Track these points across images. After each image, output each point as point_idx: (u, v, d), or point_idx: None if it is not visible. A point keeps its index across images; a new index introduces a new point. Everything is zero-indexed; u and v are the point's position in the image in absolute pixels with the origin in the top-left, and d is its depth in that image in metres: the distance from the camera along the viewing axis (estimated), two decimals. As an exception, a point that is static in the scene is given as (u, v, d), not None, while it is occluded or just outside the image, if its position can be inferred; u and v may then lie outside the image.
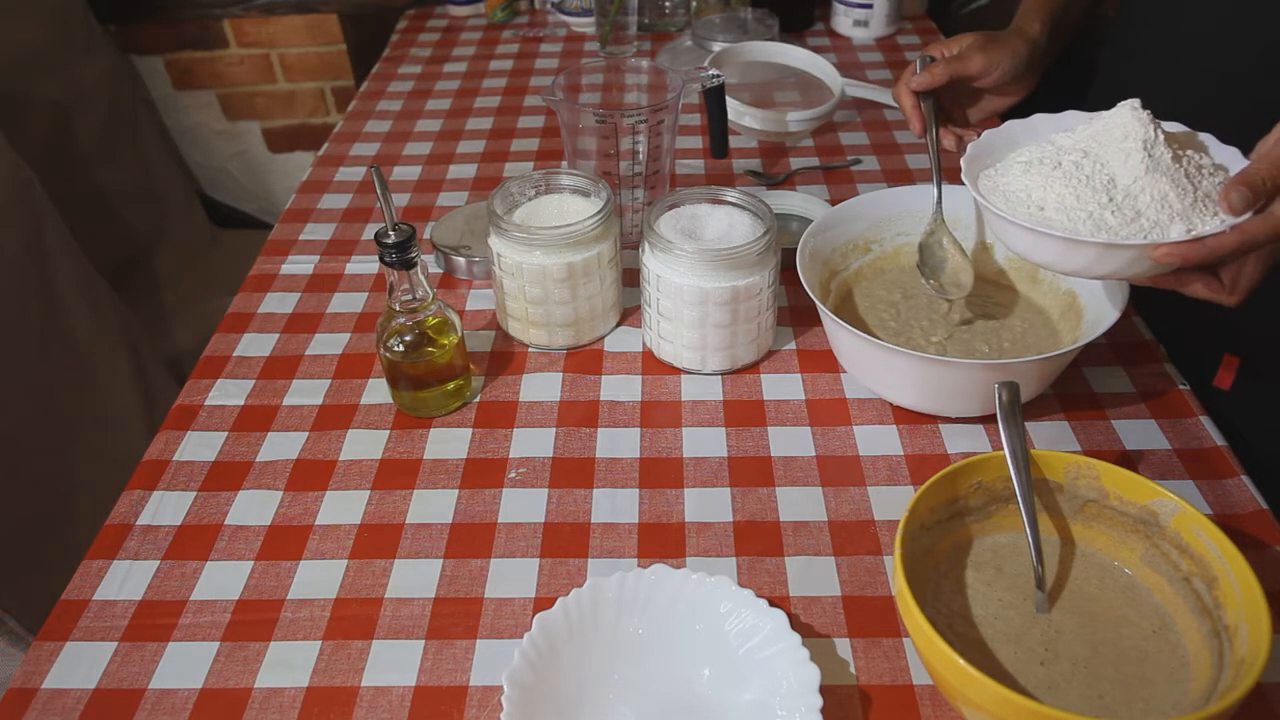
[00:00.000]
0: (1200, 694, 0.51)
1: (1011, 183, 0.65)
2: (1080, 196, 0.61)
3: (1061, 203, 0.61)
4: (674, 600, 0.59)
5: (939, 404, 0.74)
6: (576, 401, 0.78)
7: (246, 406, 0.79)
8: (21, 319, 1.16)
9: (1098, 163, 0.62)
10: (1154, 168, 0.60)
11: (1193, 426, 0.74)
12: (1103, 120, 0.64)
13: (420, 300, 0.73)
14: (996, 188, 0.66)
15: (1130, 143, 0.61)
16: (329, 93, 1.86)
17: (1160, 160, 0.60)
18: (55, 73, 1.49)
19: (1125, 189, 0.60)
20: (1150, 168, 0.60)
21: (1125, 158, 0.61)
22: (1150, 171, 0.60)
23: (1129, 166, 0.60)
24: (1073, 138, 0.65)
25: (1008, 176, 0.66)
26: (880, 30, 1.44)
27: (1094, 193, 0.61)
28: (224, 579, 0.65)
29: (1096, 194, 0.60)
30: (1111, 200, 0.60)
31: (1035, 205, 0.63)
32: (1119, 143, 0.61)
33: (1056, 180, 0.62)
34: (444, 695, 0.57)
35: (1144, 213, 0.60)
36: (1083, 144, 0.63)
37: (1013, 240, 0.64)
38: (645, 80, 0.96)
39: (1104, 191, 0.60)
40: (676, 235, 0.76)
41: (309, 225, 1.04)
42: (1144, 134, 0.61)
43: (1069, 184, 0.62)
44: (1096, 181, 0.61)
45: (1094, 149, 0.63)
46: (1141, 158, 0.60)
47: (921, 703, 0.56)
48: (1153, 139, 0.61)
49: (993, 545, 0.61)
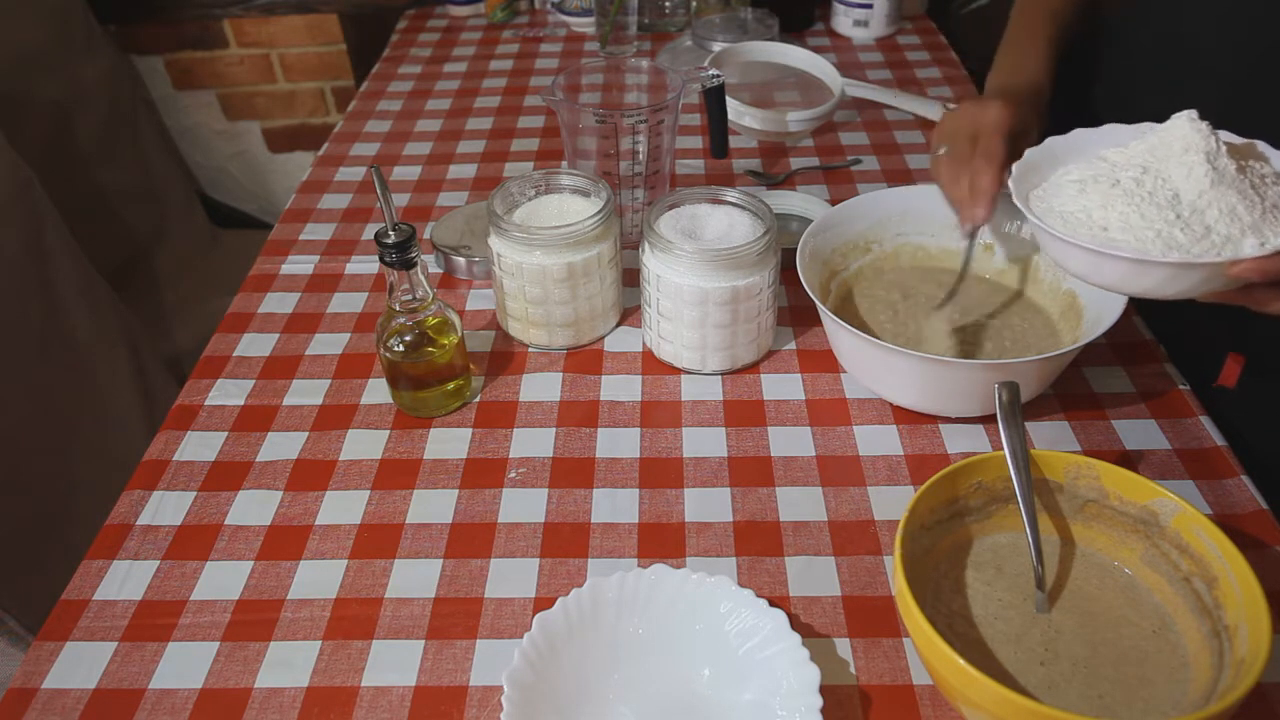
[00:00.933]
0: (1200, 694, 0.51)
1: (1067, 203, 0.62)
2: (1145, 215, 0.58)
3: (1126, 222, 0.58)
4: (674, 600, 0.59)
5: (939, 404, 0.74)
6: (576, 401, 0.78)
7: (246, 406, 0.79)
8: (21, 319, 1.16)
9: (1159, 178, 0.59)
10: (1219, 180, 0.57)
11: (1193, 426, 0.74)
12: (1158, 133, 0.61)
13: (420, 300, 0.73)
14: (1051, 209, 0.63)
15: (1192, 155, 0.58)
16: (329, 93, 1.86)
17: (1225, 172, 0.57)
18: (55, 73, 1.49)
19: (1191, 204, 0.57)
20: (1215, 180, 0.57)
21: (1188, 171, 0.58)
22: (1216, 184, 0.57)
23: (1193, 180, 0.58)
24: (1127, 153, 0.62)
25: (1061, 197, 0.63)
26: (880, 30, 1.44)
27: (1159, 210, 0.58)
28: (224, 579, 0.65)
29: (1162, 211, 0.57)
30: (1179, 217, 0.57)
31: (1098, 226, 0.59)
32: (1179, 156, 0.59)
33: (1117, 199, 0.59)
34: (444, 695, 0.57)
35: (1213, 228, 0.56)
36: (1139, 159, 0.61)
37: (1074, 263, 0.61)
38: (645, 80, 0.96)
39: (1169, 208, 0.57)
40: (676, 235, 0.76)
41: (309, 225, 1.04)
42: (1205, 145, 0.58)
43: (1131, 202, 0.58)
44: (1160, 198, 0.58)
45: (1153, 164, 0.60)
46: (1205, 170, 0.57)
47: (921, 703, 0.56)
48: (1215, 150, 0.58)
49: (993, 545, 0.61)
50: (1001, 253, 0.84)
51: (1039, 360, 0.68)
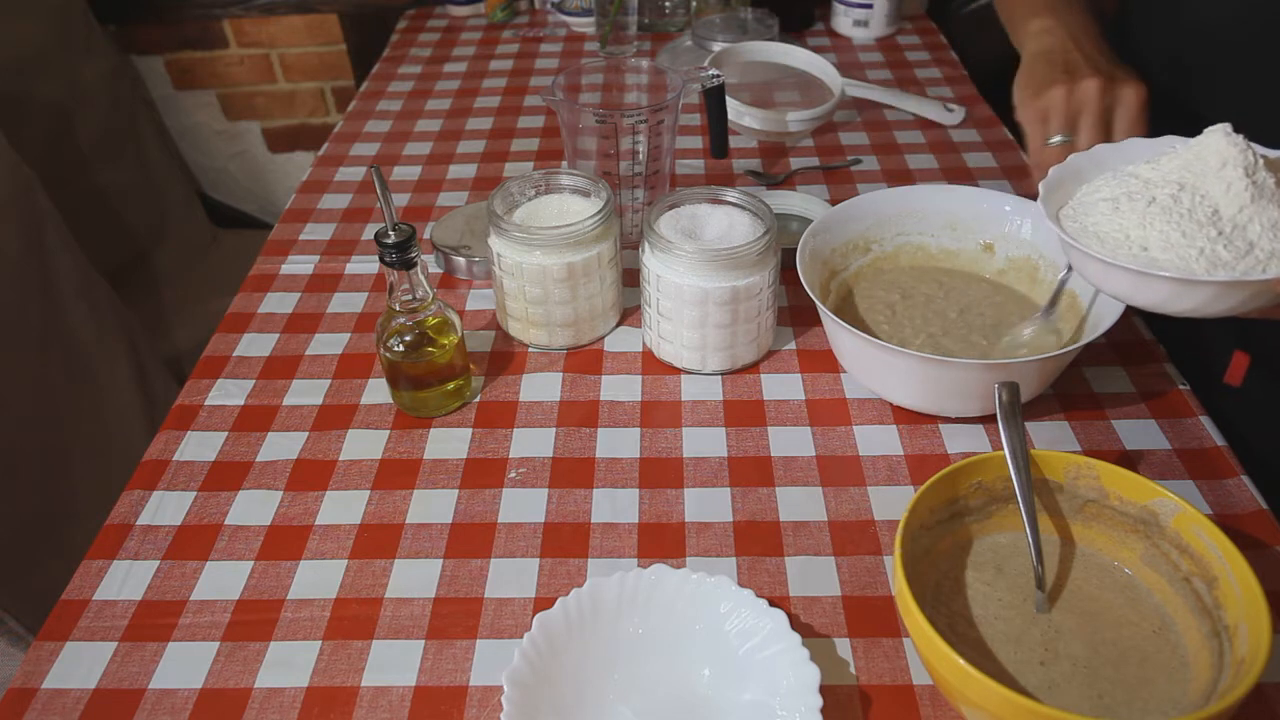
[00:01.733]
0: (1200, 694, 0.51)
1: (1101, 223, 0.61)
2: (1186, 233, 0.56)
3: (1166, 241, 0.57)
4: (674, 600, 0.59)
5: (939, 404, 0.74)
6: (576, 401, 0.78)
7: (246, 406, 0.79)
8: (21, 319, 1.16)
9: (1197, 194, 0.58)
10: (1259, 195, 0.56)
11: (1193, 426, 0.74)
12: (1192, 149, 0.59)
13: (420, 300, 0.73)
14: (1085, 229, 0.61)
15: (1230, 170, 0.57)
16: (329, 93, 1.86)
17: (1264, 186, 0.56)
18: (55, 73, 1.49)
19: (1232, 219, 0.56)
20: (1256, 195, 0.56)
21: (1227, 187, 0.57)
22: (1256, 199, 0.56)
23: (1233, 196, 0.57)
24: (1160, 169, 0.60)
25: (1094, 215, 0.62)
26: (880, 30, 1.44)
27: (1199, 227, 0.56)
28: (224, 579, 0.65)
29: (1203, 228, 0.56)
30: (1221, 234, 0.56)
31: (1137, 246, 0.58)
32: (1217, 171, 0.57)
33: (1155, 217, 0.58)
34: (444, 695, 0.57)
35: (1257, 243, 0.56)
36: (1175, 176, 0.59)
37: (1115, 285, 0.59)
38: (645, 80, 0.96)
39: (1210, 225, 0.56)
40: (676, 235, 0.76)
41: (309, 225, 1.04)
42: (1244, 160, 0.57)
43: (1170, 220, 0.57)
44: (1200, 215, 0.57)
45: (1190, 180, 0.58)
46: (1245, 185, 0.56)
47: (921, 703, 0.56)
48: (1253, 164, 0.57)
49: (993, 545, 0.61)
50: (1003, 252, 0.84)
51: (1039, 360, 0.68)
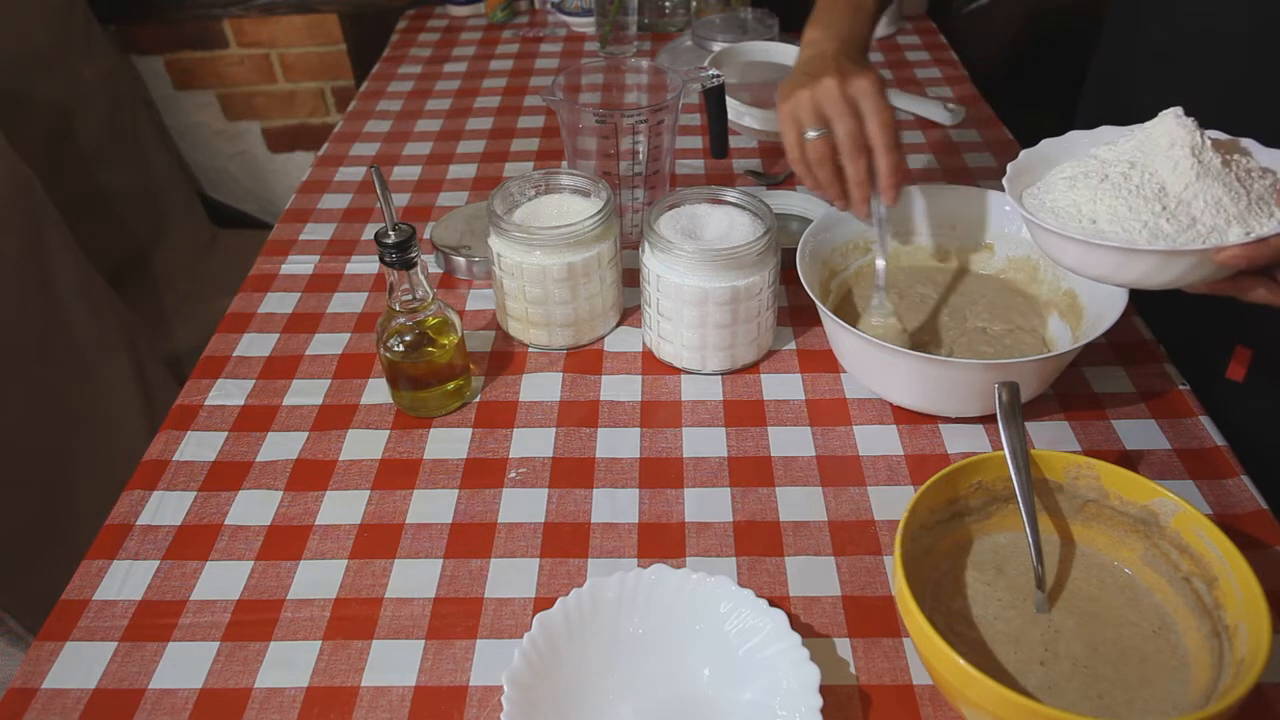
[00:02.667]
0: (1200, 694, 0.51)
1: (1058, 199, 0.63)
2: (1133, 207, 0.59)
3: (1114, 214, 0.60)
4: (674, 600, 0.59)
5: (939, 404, 0.74)
6: (576, 401, 0.78)
7: (246, 406, 0.79)
8: (21, 319, 1.16)
9: (1146, 172, 0.60)
10: (1204, 173, 0.59)
11: (1193, 426, 0.74)
12: (1145, 130, 0.62)
13: (420, 300, 0.73)
14: (1043, 205, 0.64)
15: (1178, 150, 0.60)
16: (329, 93, 1.86)
17: (1210, 165, 0.59)
18: (55, 73, 1.49)
19: (1177, 196, 0.59)
20: (1201, 173, 0.59)
21: (1174, 165, 0.59)
22: (1201, 177, 0.59)
23: (1179, 174, 0.59)
24: (1116, 150, 0.63)
25: (1053, 193, 0.64)
26: (880, 30, 1.43)
27: (1146, 202, 0.59)
28: (224, 579, 0.65)
29: (1149, 203, 0.59)
30: (1165, 208, 0.59)
31: (1087, 219, 0.61)
32: (1166, 151, 0.60)
33: (1106, 193, 0.61)
34: (444, 695, 0.57)
35: (1199, 219, 0.58)
36: (1128, 155, 0.62)
37: (1065, 255, 0.62)
38: (645, 80, 0.96)
39: (1156, 200, 0.59)
40: (676, 235, 0.76)
41: (309, 225, 1.04)
42: (1191, 140, 0.59)
43: (1119, 195, 0.60)
44: (1147, 190, 0.60)
45: (1140, 159, 0.61)
46: (1191, 164, 0.59)
47: (921, 703, 0.56)
48: (1200, 145, 0.59)
49: (993, 545, 0.61)
50: (1003, 252, 0.84)
51: (1039, 360, 0.68)
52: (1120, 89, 0.90)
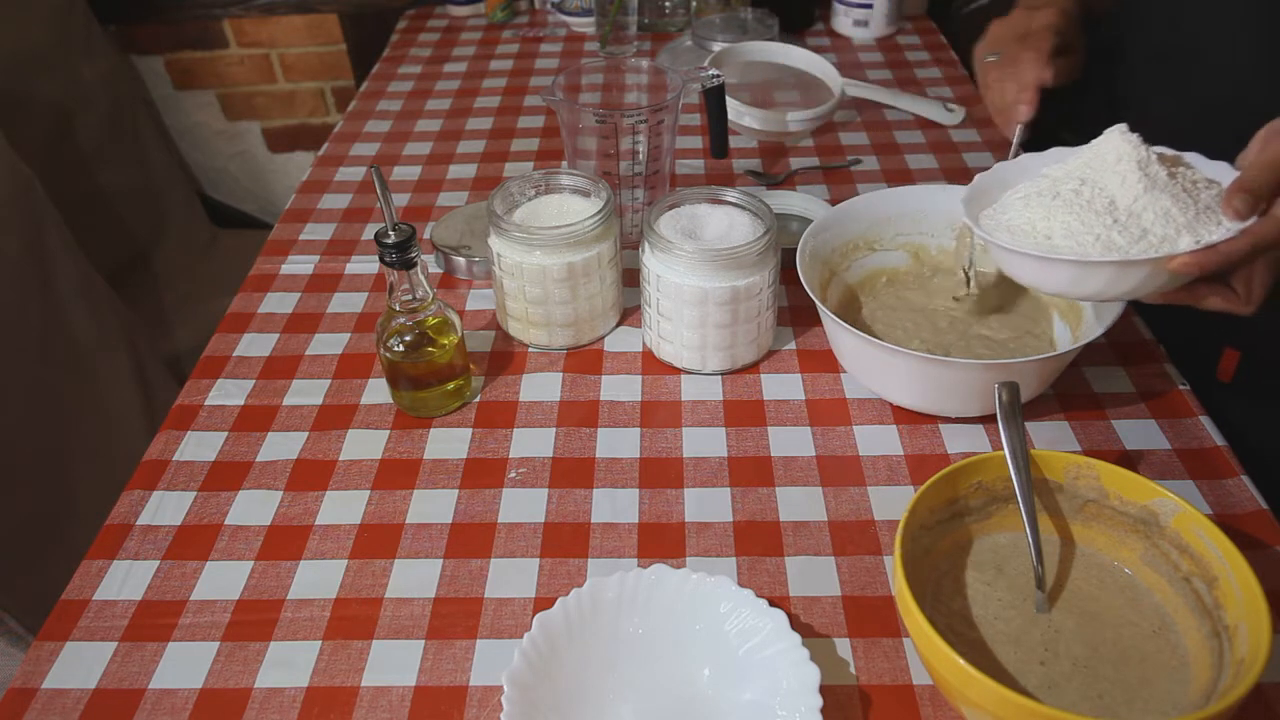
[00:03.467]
0: (1200, 694, 0.51)
1: (1014, 218, 0.65)
2: (1085, 221, 0.61)
3: (1068, 229, 0.62)
4: (674, 600, 0.59)
5: (939, 404, 0.74)
6: (576, 401, 0.78)
7: (246, 406, 0.79)
8: (21, 319, 1.16)
9: (1095, 188, 0.62)
10: (1152, 186, 0.61)
11: (1193, 426, 0.74)
12: (1093, 148, 0.64)
13: (420, 300, 0.73)
14: (1000, 224, 0.66)
15: (1124, 165, 0.62)
16: (329, 93, 1.86)
17: (1157, 178, 0.61)
18: (55, 73, 1.49)
19: (1127, 209, 0.61)
20: (1148, 186, 0.61)
21: (1122, 180, 0.62)
22: (1149, 190, 0.61)
23: (1127, 187, 0.61)
24: (1065, 168, 0.66)
25: (1009, 213, 0.66)
26: (880, 30, 1.44)
27: (1097, 216, 0.61)
28: (224, 579, 0.65)
29: (1100, 216, 0.61)
30: (1116, 221, 0.61)
31: (1042, 235, 0.63)
32: (1113, 166, 0.62)
33: (1058, 209, 0.63)
34: (444, 695, 0.57)
35: (1150, 229, 0.60)
36: (1077, 172, 0.64)
37: (1023, 272, 0.64)
38: (645, 80, 0.96)
39: (1107, 214, 0.61)
40: (676, 235, 0.76)
41: (309, 225, 1.04)
42: (1137, 155, 0.62)
43: (1071, 211, 0.62)
44: (1098, 205, 0.62)
45: (1090, 175, 0.63)
46: (1138, 177, 0.61)
47: (921, 703, 0.56)
48: (1146, 159, 0.62)
49: (993, 545, 0.61)
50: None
51: (1039, 360, 0.68)
52: (1124, 89, 0.90)
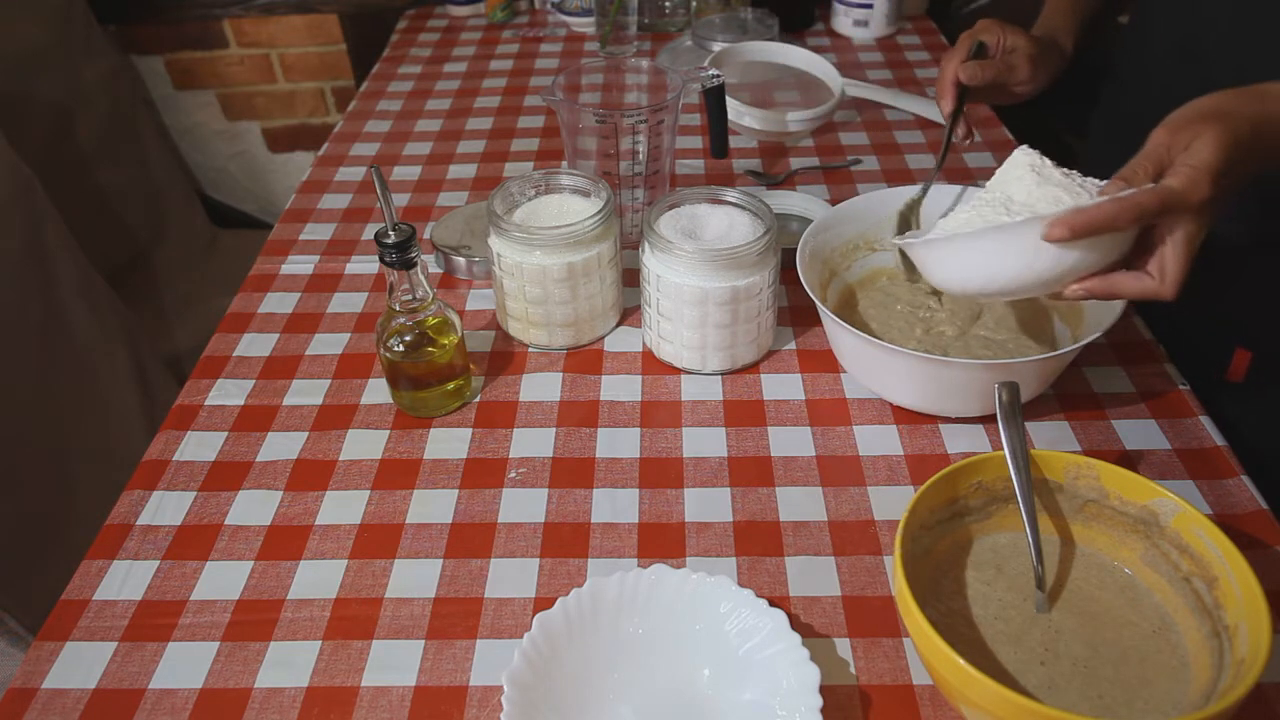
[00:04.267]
0: (1200, 694, 0.51)
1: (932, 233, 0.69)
2: (983, 215, 0.65)
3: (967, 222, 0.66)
4: (674, 600, 0.59)
5: (939, 404, 0.74)
6: (576, 401, 0.78)
7: (246, 406, 0.79)
8: (21, 319, 1.16)
9: (998, 192, 0.67)
10: (1044, 181, 0.65)
11: (1193, 426, 0.74)
12: (1004, 166, 0.68)
13: (420, 300, 0.73)
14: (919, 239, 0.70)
15: (1019, 169, 0.67)
16: (329, 93, 1.86)
17: (1049, 176, 0.65)
18: (55, 73, 1.49)
19: (1021, 201, 0.65)
20: (1040, 181, 0.65)
21: (1018, 180, 0.66)
22: (1041, 184, 0.65)
23: (1022, 185, 0.66)
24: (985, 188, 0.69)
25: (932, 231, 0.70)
26: (880, 30, 1.44)
27: (993, 209, 0.65)
28: (224, 579, 0.65)
29: (995, 209, 0.65)
30: (1009, 211, 0.64)
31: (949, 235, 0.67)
32: (1013, 175, 0.67)
33: (964, 212, 0.68)
34: (444, 695, 0.57)
35: (1039, 211, 0.63)
36: (988, 190, 0.68)
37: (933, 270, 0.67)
38: (645, 80, 0.96)
39: (1002, 206, 0.65)
40: (676, 235, 0.76)
41: (309, 225, 1.04)
42: (1030, 162, 0.66)
43: (975, 211, 0.66)
44: (996, 203, 0.66)
45: (995, 186, 0.68)
46: (1032, 177, 0.65)
47: (921, 703, 0.56)
48: (1039, 164, 0.66)
49: (993, 545, 0.61)
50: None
51: (1039, 360, 0.68)
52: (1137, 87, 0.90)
